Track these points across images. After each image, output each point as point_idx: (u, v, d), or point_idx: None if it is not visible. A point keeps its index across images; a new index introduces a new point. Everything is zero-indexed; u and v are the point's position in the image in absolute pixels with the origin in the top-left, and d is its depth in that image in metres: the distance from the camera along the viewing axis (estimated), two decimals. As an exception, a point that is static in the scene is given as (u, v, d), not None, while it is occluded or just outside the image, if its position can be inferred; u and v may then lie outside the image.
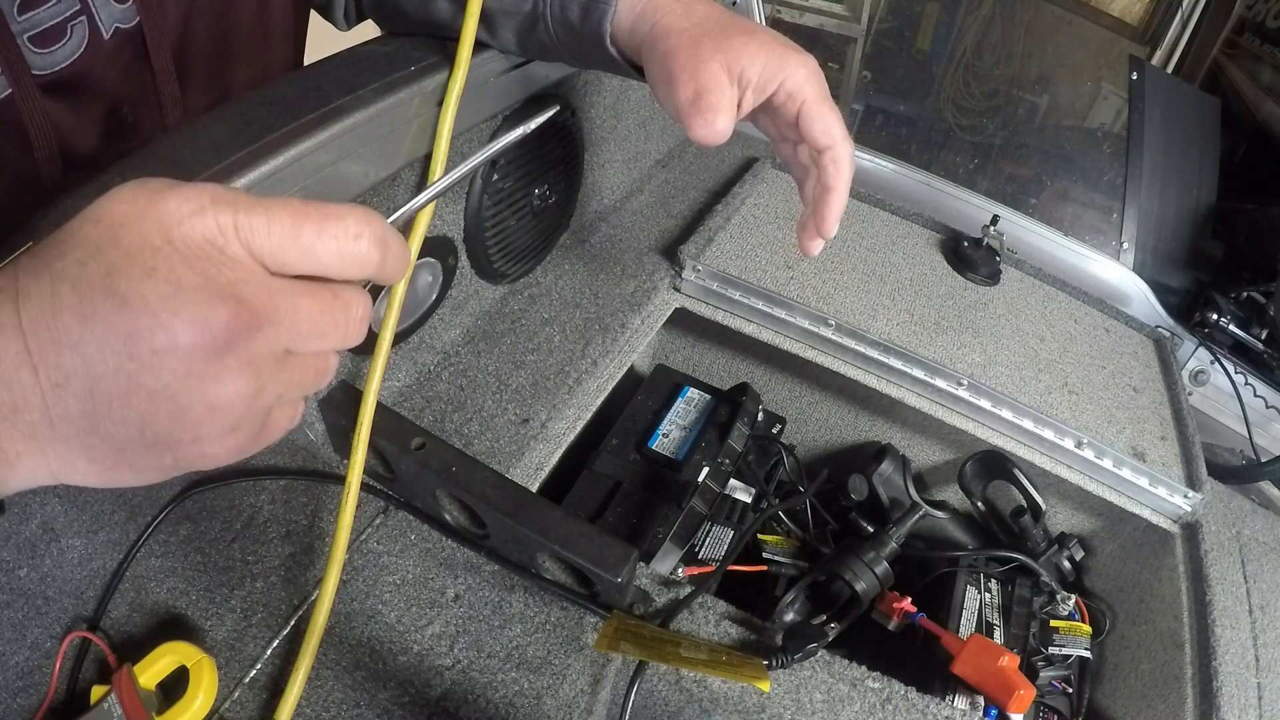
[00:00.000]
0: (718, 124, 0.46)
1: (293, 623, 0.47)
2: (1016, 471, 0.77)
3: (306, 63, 0.66)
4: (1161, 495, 0.73)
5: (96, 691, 0.41)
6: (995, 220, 0.96)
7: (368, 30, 0.64)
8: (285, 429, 0.32)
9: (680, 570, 0.65)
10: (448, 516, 0.52)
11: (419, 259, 0.56)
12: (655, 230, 0.88)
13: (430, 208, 0.54)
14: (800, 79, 0.48)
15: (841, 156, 0.49)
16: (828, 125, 0.48)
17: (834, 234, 0.51)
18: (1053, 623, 0.70)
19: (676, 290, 0.81)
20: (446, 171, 0.44)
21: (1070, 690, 0.68)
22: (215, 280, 0.26)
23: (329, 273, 0.29)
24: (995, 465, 0.79)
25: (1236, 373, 0.96)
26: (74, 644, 0.44)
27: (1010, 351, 0.82)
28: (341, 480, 0.48)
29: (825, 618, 0.63)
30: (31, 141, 0.48)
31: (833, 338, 0.77)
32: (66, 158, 0.51)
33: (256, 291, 0.27)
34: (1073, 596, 0.72)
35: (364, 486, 0.52)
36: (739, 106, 0.48)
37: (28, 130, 0.48)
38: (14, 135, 0.47)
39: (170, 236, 0.26)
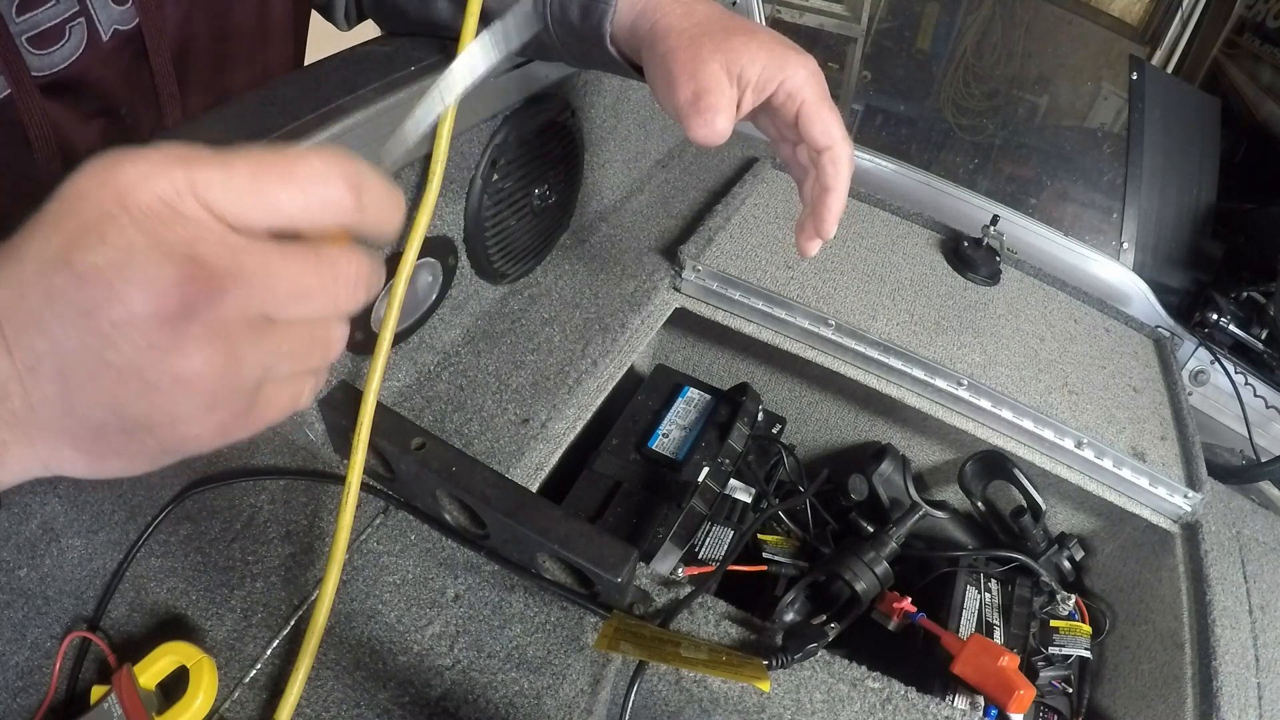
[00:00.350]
0: (717, 124, 0.46)
1: (293, 623, 0.47)
2: (1016, 471, 0.77)
3: (307, 63, 0.66)
4: (1161, 495, 0.73)
5: (96, 691, 0.41)
6: (995, 220, 0.96)
7: (368, 30, 0.64)
8: (288, 409, 0.29)
9: (680, 570, 0.65)
10: (448, 516, 0.52)
11: (419, 259, 0.56)
12: (655, 230, 0.88)
13: (430, 208, 0.54)
14: (800, 79, 0.48)
15: (840, 157, 0.49)
16: (827, 126, 0.48)
17: (833, 235, 0.51)
18: (1053, 623, 0.70)
19: (676, 290, 0.81)
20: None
21: (1070, 690, 0.68)
22: (165, 240, 0.24)
23: (296, 223, 0.26)
24: (995, 465, 0.79)
25: (1236, 373, 0.96)
26: (74, 644, 0.44)
27: (1010, 351, 0.82)
28: (341, 480, 0.48)
29: (825, 618, 0.63)
30: (31, 142, 0.48)
31: (833, 338, 0.77)
32: (66, 158, 0.51)
33: (214, 249, 0.24)
34: (1073, 596, 0.72)
35: (364, 486, 0.52)
36: (738, 107, 0.48)
37: (27, 131, 0.48)
38: (14, 135, 0.47)
39: (125, 203, 0.24)
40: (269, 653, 0.46)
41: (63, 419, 0.26)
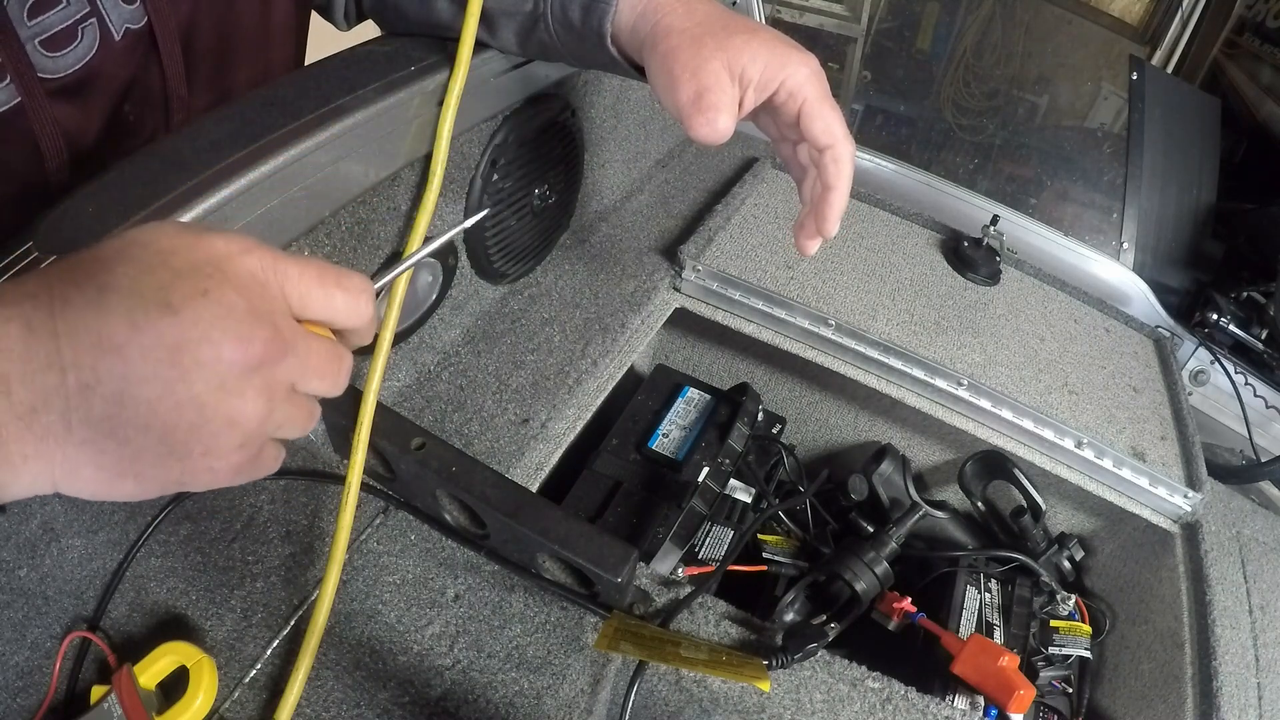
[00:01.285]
0: (719, 123, 0.46)
1: (293, 623, 0.47)
2: (1016, 471, 0.77)
3: (307, 63, 0.66)
4: (1161, 495, 0.73)
5: (96, 691, 0.41)
6: (995, 220, 0.96)
7: (368, 30, 0.64)
8: (270, 469, 0.34)
9: (680, 570, 0.65)
10: (448, 516, 0.52)
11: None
12: (655, 230, 0.88)
13: (430, 208, 0.54)
14: (801, 78, 0.48)
15: (842, 155, 0.49)
16: (829, 124, 0.48)
17: (834, 233, 0.51)
18: (1053, 623, 0.70)
19: (676, 290, 0.81)
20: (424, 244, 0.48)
21: (1070, 690, 0.68)
22: (259, 309, 0.30)
23: (338, 320, 0.33)
24: (995, 465, 0.79)
25: (1236, 373, 0.96)
26: (74, 644, 0.44)
27: (1010, 351, 0.82)
28: (341, 480, 0.48)
29: (825, 618, 0.63)
30: (43, 152, 0.48)
31: (833, 338, 0.77)
32: (73, 160, 0.51)
33: (287, 324, 0.31)
34: (1073, 596, 0.72)
35: (364, 486, 0.52)
36: (740, 105, 0.48)
37: (39, 141, 0.48)
38: (24, 145, 0.47)
39: (222, 267, 0.29)
40: (269, 653, 0.46)
41: (101, 439, 0.28)
